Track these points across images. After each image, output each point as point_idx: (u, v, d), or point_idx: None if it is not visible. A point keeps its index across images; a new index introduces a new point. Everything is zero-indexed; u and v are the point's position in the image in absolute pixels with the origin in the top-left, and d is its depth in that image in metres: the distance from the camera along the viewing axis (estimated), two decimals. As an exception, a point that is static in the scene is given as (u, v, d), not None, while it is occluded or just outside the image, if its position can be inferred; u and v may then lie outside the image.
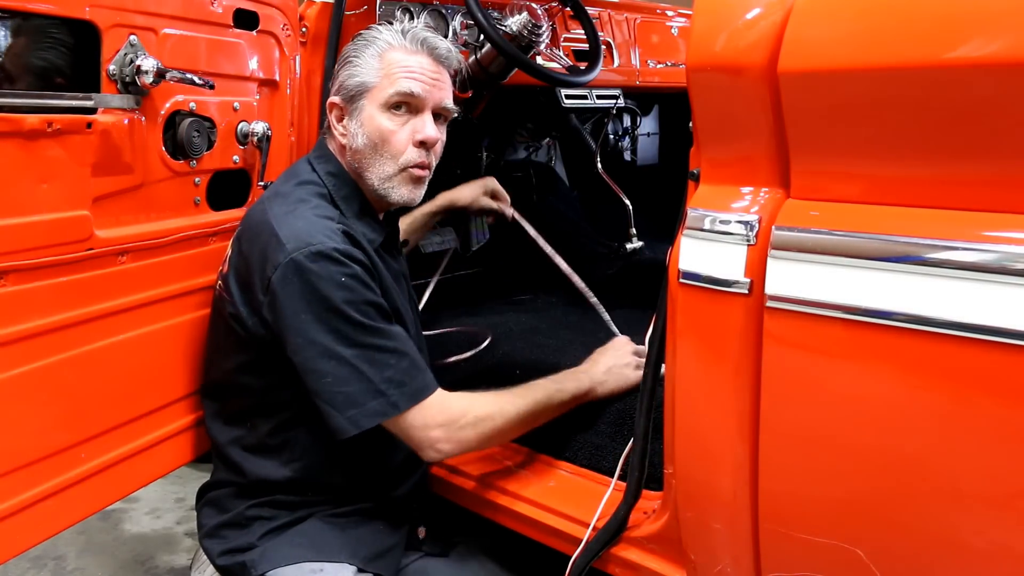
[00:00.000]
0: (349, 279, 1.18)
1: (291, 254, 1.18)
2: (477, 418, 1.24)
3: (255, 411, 1.31)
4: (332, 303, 1.17)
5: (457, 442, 1.24)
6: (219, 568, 1.34)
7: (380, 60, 1.31)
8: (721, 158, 0.99)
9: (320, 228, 1.22)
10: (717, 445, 1.02)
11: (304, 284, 1.17)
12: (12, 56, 1.12)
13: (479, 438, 1.25)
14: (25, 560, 2.24)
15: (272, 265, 1.19)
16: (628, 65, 2.59)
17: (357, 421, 1.17)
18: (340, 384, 1.17)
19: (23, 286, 1.12)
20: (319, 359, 1.17)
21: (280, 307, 1.19)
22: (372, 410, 1.17)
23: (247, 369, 1.29)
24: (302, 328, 1.17)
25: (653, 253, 2.24)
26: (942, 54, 0.78)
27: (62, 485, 1.22)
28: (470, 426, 1.24)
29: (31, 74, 1.15)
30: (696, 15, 0.96)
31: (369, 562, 1.32)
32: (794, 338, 0.91)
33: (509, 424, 1.28)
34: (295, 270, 1.17)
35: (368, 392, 1.17)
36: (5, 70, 1.11)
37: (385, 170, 1.31)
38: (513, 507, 1.37)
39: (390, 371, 1.19)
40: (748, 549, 1.03)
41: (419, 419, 1.21)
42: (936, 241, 0.80)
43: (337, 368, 1.17)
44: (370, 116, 1.30)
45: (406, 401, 1.19)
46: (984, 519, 0.84)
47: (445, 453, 1.24)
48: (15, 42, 1.12)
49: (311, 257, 1.17)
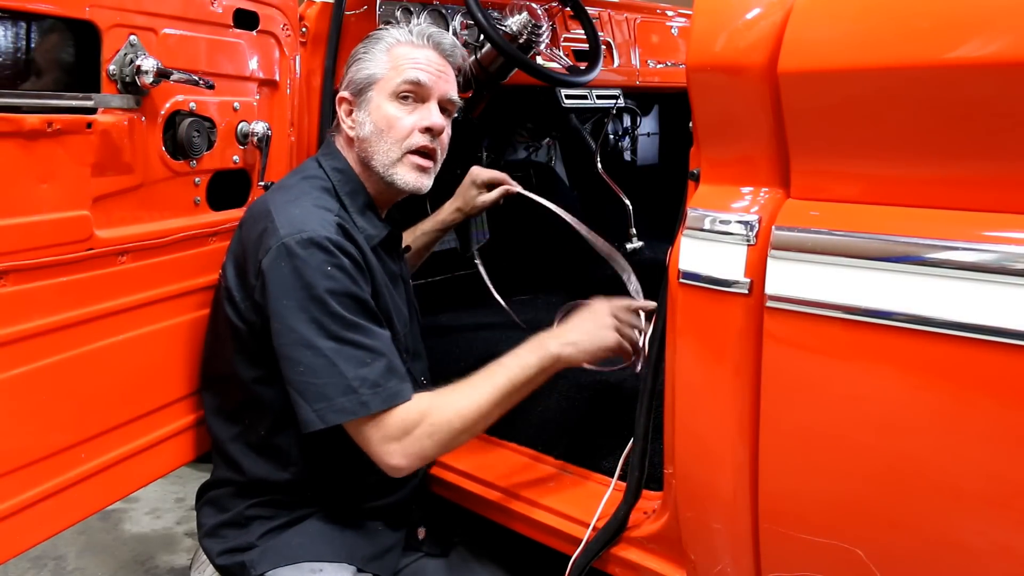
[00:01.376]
0: (335, 269, 1.19)
1: (283, 239, 1.19)
2: (434, 426, 1.19)
3: (252, 405, 1.31)
4: (315, 291, 1.17)
5: (416, 455, 1.20)
6: (219, 568, 1.34)
7: (388, 54, 1.34)
8: (721, 158, 0.99)
9: (315, 217, 1.23)
10: (717, 445, 1.02)
11: (291, 269, 1.18)
12: (12, 56, 1.12)
13: (436, 447, 1.21)
14: (25, 560, 2.24)
15: (264, 249, 1.21)
16: (628, 65, 2.59)
17: (324, 416, 1.16)
18: (313, 375, 1.16)
19: (23, 286, 1.12)
20: (296, 347, 1.17)
21: (267, 290, 1.19)
22: (340, 406, 1.16)
23: (243, 359, 1.29)
24: (284, 313, 1.18)
25: (653, 253, 2.23)
26: (942, 54, 0.78)
27: (62, 485, 1.22)
28: (427, 436, 1.19)
29: (31, 74, 1.15)
30: (696, 15, 0.96)
31: (368, 562, 1.32)
32: (794, 338, 0.91)
33: (470, 423, 1.21)
34: (285, 254, 1.18)
35: (339, 388, 1.16)
36: (6, 70, 1.11)
37: (390, 155, 1.32)
38: (513, 507, 1.38)
39: (365, 370, 1.17)
40: (748, 549, 1.03)
41: (380, 429, 1.18)
42: (936, 241, 0.80)
43: (313, 359, 1.16)
44: (378, 105, 1.33)
45: (378, 403, 1.17)
46: (984, 519, 0.84)
47: (403, 467, 1.20)
48: (15, 42, 1.12)
49: (301, 243, 1.18)
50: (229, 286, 1.29)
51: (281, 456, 1.30)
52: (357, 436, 1.20)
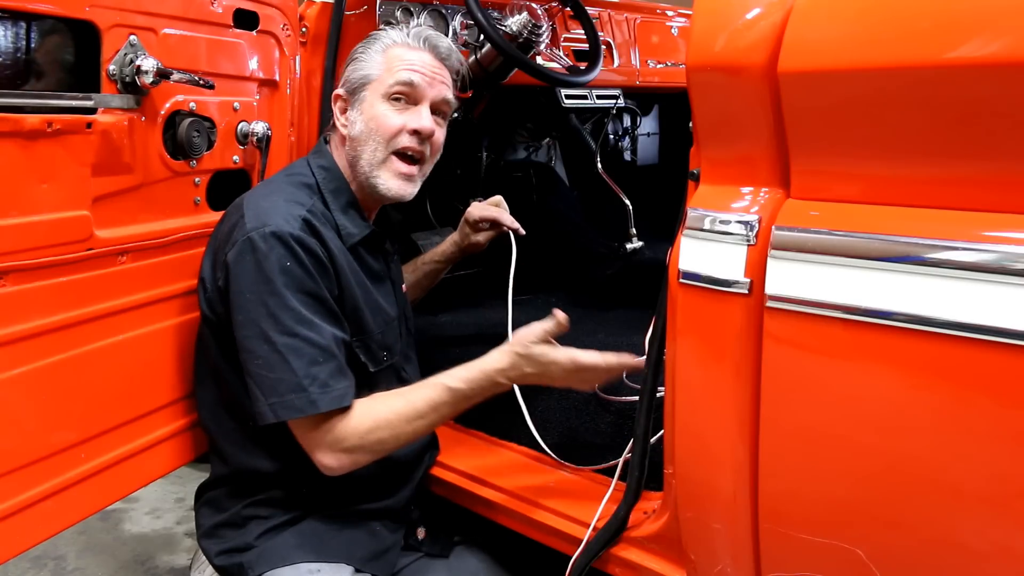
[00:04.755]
0: (295, 264, 1.20)
1: (248, 232, 1.21)
2: (368, 432, 1.21)
3: (236, 397, 1.30)
4: (275, 286, 1.19)
5: (350, 459, 1.22)
6: (217, 568, 1.33)
7: (384, 55, 1.35)
8: (721, 158, 0.99)
9: (282, 212, 1.24)
10: (717, 445, 1.02)
11: (254, 263, 1.20)
12: (12, 56, 1.12)
13: (368, 455, 1.23)
14: (25, 560, 2.24)
15: (231, 242, 1.23)
16: (628, 65, 2.59)
17: (276, 410, 1.18)
18: (268, 368, 1.18)
19: (23, 286, 1.12)
20: (254, 339, 1.19)
21: (231, 283, 1.22)
22: (290, 403, 1.18)
23: (223, 353, 1.30)
24: (245, 306, 1.20)
25: (653, 253, 2.24)
26: (942, 54, 0.78)
27: (62, 485, 1.22)
28: (359, 445, 1.21)
29: (31, 74, 1.15)
30: (696, 15, 0.96)
31: (367, 563, 1.32)
32: (794, 338, 0.91)
33: (402, 435, 1.24)
34: (249, 248, 1.20)
35: (291, 384, 1.17)
36: (6, 70, 1.11)
37: (376, 155, 1.33)
38: (513, 507, 1.37)
39: (316, 368, 1.19)
40: (748, 549, 1.03)
41: (322, 429, 1.20)
42: (936, 241, 0.80)
43: (269, 352, 1.18)
44: (370, 104, 1.34)
45: (326, 403, 1.18)
46: (984, 519, 0.84)
47: (336, 468, 1.22)
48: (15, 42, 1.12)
49: (264, 237, 1.20)
50: (203, 276, 1.31)
51: (270, 447, 1.30)
52: (297, 431, 1.22)
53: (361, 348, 1.31)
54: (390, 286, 1.43)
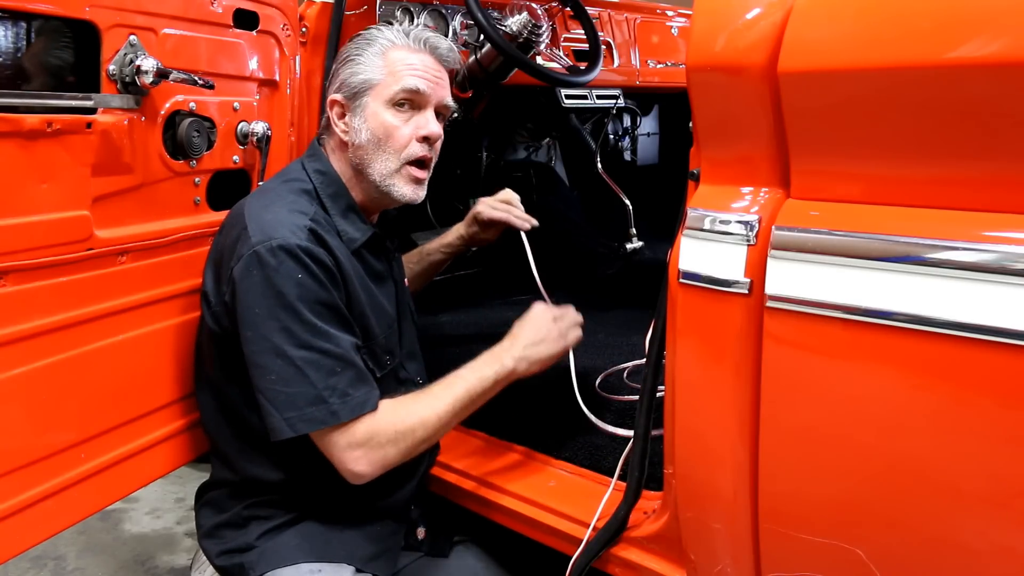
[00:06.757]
0: (306, 276, 1.19)
1: (254, 247, 1.19)
2: (398, 433, 1.21)
3: (241, 407, 1.31)
4: (286, 299, 1.17)
5: (379, 462, 1.21)
6: (218, 568, 1.33)
7: (383, 58, 1.32)
8: (721, 158, 0.99)
9: (287, 223, 1.22)
10: (717, 445, 1.02)
11: (262, 277, 1.18)
12: (12, 56, 1.12)
13: (399, 454, 1.23)
14: (25, 560, 2.24)
15: (236, 256, 1.21)
16: (628, 65, 2.59)
17: (294, 425, 1.17)
18: (283, 383, 1.17)
19: (23, 286, 1.12)
20: (266, 355, 1.17)
21: (238, 298, 1.20)
22: (311, 416, 1.17)
23: (224, 363, 1.29)
24: (255, 321, 1.18)
25: (653, 253, 2.24)
26: (942, 54, 0.78)
27: (62, 485, 1.22)
28: (391, 443, 1.21)
29: (31, 74, 1.15)
30: (696, 15, 0.96)
31: (367, 563, 1.31)
32: (794, 338, 0.91)
33: (431, 432, 1.25)
34: (256, 262, 1.18)
35: (309, 397, 1.16)
36: (6, 70, 1.11)
37: (388, 166, 1.31)
38: (513, 507, 1.37)
39: (334, 379, 1.18)
40: (748, 549, 1.03)
41: (346, 436, 1.19)
42: (936, 241, 0.80)
43: (283, 367, 1.17)
44: (374, 112, 1.31)
45: (347, 412, 1.18)
46: (984, 519, 0.84)
47: (366, 474, 1.21)
48: (15, 42, 1.12)
49: (272, 251, 1.18)
50: (207, 290, 1.29)
51: (273, 456, 1.30)
52: (321, 442, 1.21)
53: (368, 355, 1.30)
54: (392, 285, 1.43)
